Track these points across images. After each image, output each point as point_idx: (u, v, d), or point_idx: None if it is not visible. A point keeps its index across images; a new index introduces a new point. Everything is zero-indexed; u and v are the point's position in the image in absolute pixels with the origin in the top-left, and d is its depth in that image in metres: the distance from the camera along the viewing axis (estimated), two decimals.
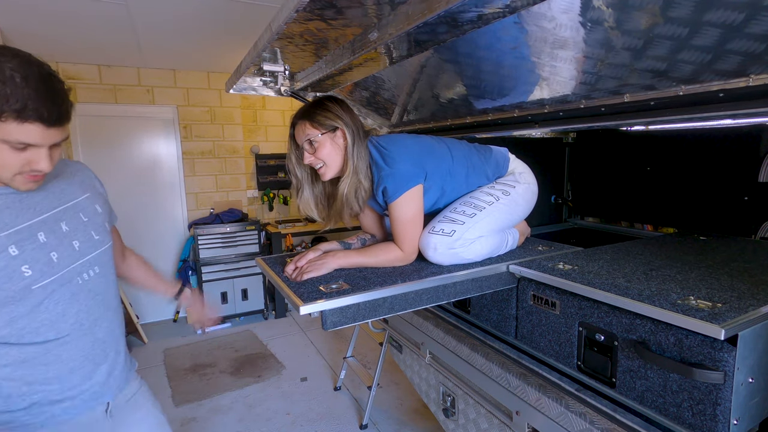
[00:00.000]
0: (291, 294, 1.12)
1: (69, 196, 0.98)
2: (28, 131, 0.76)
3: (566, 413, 1.12)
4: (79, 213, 0.98)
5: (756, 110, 1.05)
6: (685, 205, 1.88)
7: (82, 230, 0.97)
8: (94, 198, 1.05)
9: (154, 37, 2.94)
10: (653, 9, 0.87)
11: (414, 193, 1.30)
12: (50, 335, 0.89)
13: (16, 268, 0.83)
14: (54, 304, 0.89)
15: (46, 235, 0.89)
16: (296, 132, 1.33)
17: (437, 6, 0.90)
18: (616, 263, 1.30)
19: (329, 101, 1.32)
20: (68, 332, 0.92)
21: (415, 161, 1.31)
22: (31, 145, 0.78)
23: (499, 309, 1.43)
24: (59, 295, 0.90)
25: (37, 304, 0.87)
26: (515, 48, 1.20)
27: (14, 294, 0.83)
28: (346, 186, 1.31)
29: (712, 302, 0.95)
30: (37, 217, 0.89)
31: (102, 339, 1.00)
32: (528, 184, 1.51)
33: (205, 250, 3.85)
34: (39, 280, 0.86)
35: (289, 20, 1.09)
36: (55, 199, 0.94)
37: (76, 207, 0.98)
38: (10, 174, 0.81)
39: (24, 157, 0.79)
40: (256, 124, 4.41)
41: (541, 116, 1.59)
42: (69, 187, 0.99)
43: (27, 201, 0.88)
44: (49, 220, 0.91)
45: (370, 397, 2.44)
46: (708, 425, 0.88)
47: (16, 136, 0.75)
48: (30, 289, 0.85)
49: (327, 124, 1.28)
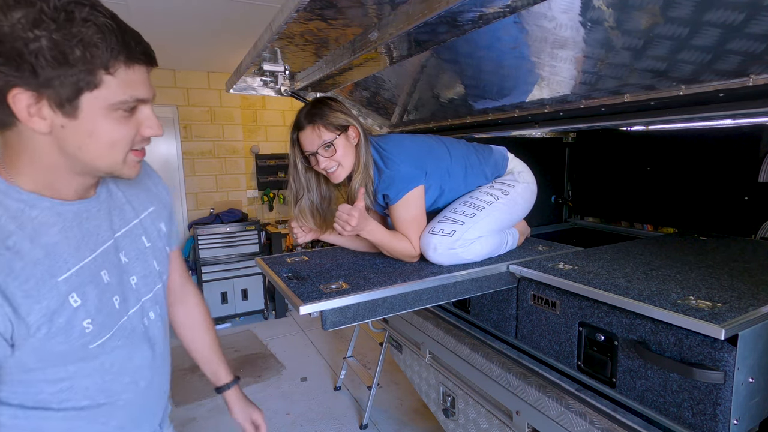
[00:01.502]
0: (291, 294, 1.12)
1: (131, 211, 0.76)
2: (136, 78, 0.60)
3: (566, 413, 1.12)
4: (142, 236, 0.76)
5: (756, 110, 1.05)
6: (685, 205, 1.88)
7: (143, 260, 0.76)
8: (159, 212, 0.83)
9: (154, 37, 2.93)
10: (653, 9, 0.87)
11: (415, 194, 1.30)
12: (100, 399, 0.70)
13: (78, 323, 0.63)
14: (111, 362, 0.69)
15: (110, 273, 0.68)
16: (304, 138, 1.28)
17: (437, 6, 0.90)
18: (616, 263, 1.30)
19: (332, 101, 1.30)
20: (120, 394, 0.73)
21: (414, 162, 1.31)
22: (140, 100, 0.61)
23: (499, 309, 1.43)
24: (118, 351, 0.70)
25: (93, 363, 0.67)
26: (515, 48, 1.20)
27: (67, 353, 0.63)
28: (358, 182, 1.29)
29: (712, 302, 0.95)
30: (100, 248, 0.68)
31: (154, 400, 0.81)
32: (527, 184, 1.51)
33: (205, 250, 3.85)
34: (99, 336, 0.66)
35: (289, 20, 1.08)
36: (117, 217, 0.72)
37: (139, 227, 0.76)
38: (123, 153, 0.63)
39: (134, 124, 0.62)
40: (256, 124, 4.41)
41: (541, 116, 1.59)
42: (132, 198, 0.77)
43: (88, 224, 0.67)
44: (111, 251, 0.69)
45: (370, 397, 2.44)
46: (708, 425, 0.88)
47: (127, 91, 0.59)
48: (87, 348, 0.65)
49: (339, 124, 1.27)
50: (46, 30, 0.51)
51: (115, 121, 0.60)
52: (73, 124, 0.57)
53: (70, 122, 0.57)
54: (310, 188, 1.38)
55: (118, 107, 0.59)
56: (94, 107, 0.57)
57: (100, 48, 0.54)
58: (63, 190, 0.64)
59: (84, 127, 0.58)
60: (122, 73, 0.58)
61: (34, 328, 0.58)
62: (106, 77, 0.56)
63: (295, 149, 1.33)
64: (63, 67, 0.53)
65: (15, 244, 0.57)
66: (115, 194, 0.74)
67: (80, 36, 0.53)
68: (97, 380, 0.69)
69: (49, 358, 0.62)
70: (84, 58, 0.54)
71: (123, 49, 0.57)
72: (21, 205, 0.60)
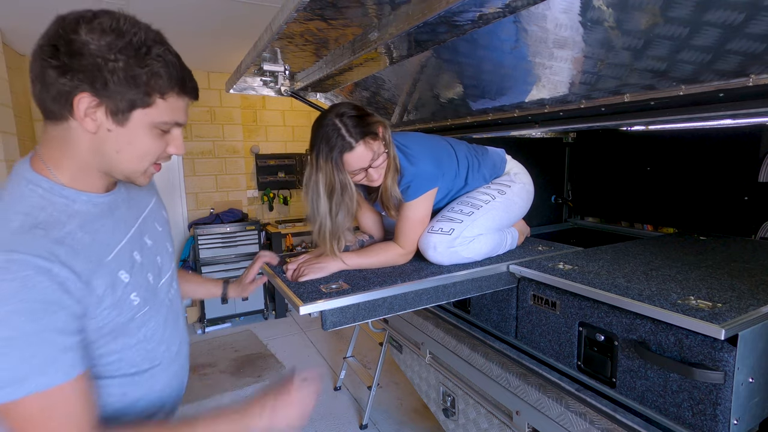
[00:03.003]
0: (291, 294, 1.12)
1: (143, 202, 0.88)
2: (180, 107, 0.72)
3: (566, 413, 1.12)
4: (155, 223, 0.89)
5: (756, 110, 1.05)
6: (685, 205, 1.88)
7: (161, 242, 0.88)
8: (159, 202, 0.95)
9: None
10: (653, 9, 0.87)
11: (431, 195, 1.31)
12: (144, 365, 0.80)
13: (127, 297, 0.73)
14: (152, 331, 0.80)
15: (140, 254, 0.79)
16: (355, 157, 1.18)
17: (437, 6, 0.90)
18: (616, 263, 1.30)
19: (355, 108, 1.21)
20: (160, 361, 0.83)
21: (436, 162, 1.31)
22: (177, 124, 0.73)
23: (499, 309, 1.43)
24: (155, 321, 0.81)
25: (137, 334, 0.77)
26: (515, 48, 1.20)
27: (120, 325, 0.73)
28: (390, 180, 1.26)
29: (712, 302, 0.95)
30: (129, 232, 0.79)
31: (182, 365, 0.92)
32: (523, 184, 1.51)
33: (205, 250, 3.85)
34: (142, 308, 0.77)
35: (289, 20, 1.09)
36: (135, 207, 0.84)
37: (151, 215, 0.88)
38: (148, 164, 0.74)
39: (164, 142, 0.73)
40: (256, 124, 4.41)
41: (541, 116, 1.59)
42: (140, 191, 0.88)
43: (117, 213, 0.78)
44: (137, 235, 0.81)
45: (370, 397, 2.44)
46: (708, 425, 0.88)
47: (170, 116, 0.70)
48: (134, 318, 0.75)
49: (375, 132, 1.20)
50: (126, 56, 0.64)
51: (152, 137, 0.71)
52: (119, 130, 0.68)
53: (118, 128, 0.68)
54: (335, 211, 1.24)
55: (159, 126, 0.70)
56: (142, 122, 0.68)
57: (163, 78, 0.67)
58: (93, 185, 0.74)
59: (127, 136, 0.69)
60: (172, 101, 0.70)
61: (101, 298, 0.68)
62: (159, 101, 0.68)
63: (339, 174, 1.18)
64: (129, 87, 0.65)
65: (70, 232, 0.68)
66: (129, 189, 0.85)
67: (150, 66, 0.66)
68: (141, 350, 0.78)
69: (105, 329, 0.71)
70: (147, 83, 0.66)
71: (178, 83, 0.69)
72: (65, 201, 0.70)
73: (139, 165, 0.72)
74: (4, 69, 2.72)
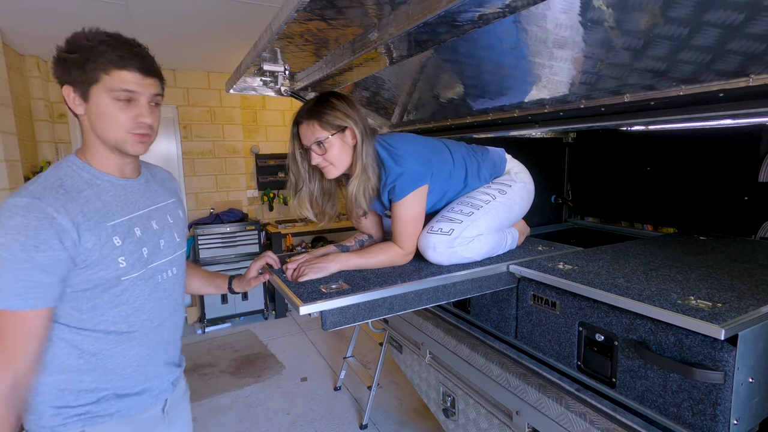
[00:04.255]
0: (291, 294, 1.12)
1: (161, 197, 1.06)
2: (128, 78, 0.87)
3: (566, 413, 1.12)
4: (167, 215, 1.06)
5: (756, 110, 1.05)
6: (685, 205, 1.88)
7: (168, 231, 1.04)
8: (178, 204, 1.13)
9: (154, 37, 2.94)
10: (653, 9, 0.87)
11: (420, 193, 1.29)
12: (123, 327, 0.94)
13: (115, 258, 0.90)
14: (134, 297, 0.94)
15: (141, 231, 0.96)
16: (302, 132, 1.29)
17: (437, 6, 0.90)
18: (616, 263, 1.30)
19: (335, 98, 1.27)
20: (138, 328, 0.96)
21: (423, 161, 1.31)
22: (132, 92, 0.88)
23: (499, 309, 1.43)
24: (140, 290, 0.95)
25: (120, 295, 0.92)
26: (515, 48, 1.20)
27: (106, 282, 0.89)
28: (355, 186, 1.29)
29: (712, 302, 0.95)
30: (136, 212, 0.97)
31: (166, 339, 1.04)
32: (524, 183, 1.51)
33: (205, 250, 3.85)
34: (129, 273, 0.92)
35: (289, 20, 1.09)
36: (150, 198, 1.03)
37: (165, 208, 1.06)
38: (122, 131, 0.90)
39: (131, 112, 0.89)
40: (256, 124, 4.41)
41: (541, 116, 1.59)
42: (161, 190, 1.08)
43: (130, 196, 0.97)
44: (144, 217, 0.99)
45: (370, 397, 2.44)
46: (708, 425, 0.88)
47: (118, 84, 0.86)
48: (120, 279, 0.91)
49: (336, 124, 1.24)
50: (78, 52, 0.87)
51: (113, 106, 0.88)
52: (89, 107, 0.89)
53: (87, 106, 0.89)
54: (312, 180, 1.38)
55: (113, 96, 0.88)
56: (98, 95, 0.88)
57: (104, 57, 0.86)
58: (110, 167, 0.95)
59: (96, 109, 0.89)
60: (115, 74, 0.87)
61: (89, 252, 0.86)
62: (104, 76, 0.87)
63: (294, 141, 1.34)
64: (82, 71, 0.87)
65: (86, 196, 0.89)
66: (151, 183, 1.05)
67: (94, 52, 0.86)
68: (121, 312, 0.93)
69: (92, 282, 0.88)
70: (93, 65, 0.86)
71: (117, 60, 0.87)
72: (90, 176, 0.92)
73: (114, 132, 0.90)
74: (4, 69, 2.72)
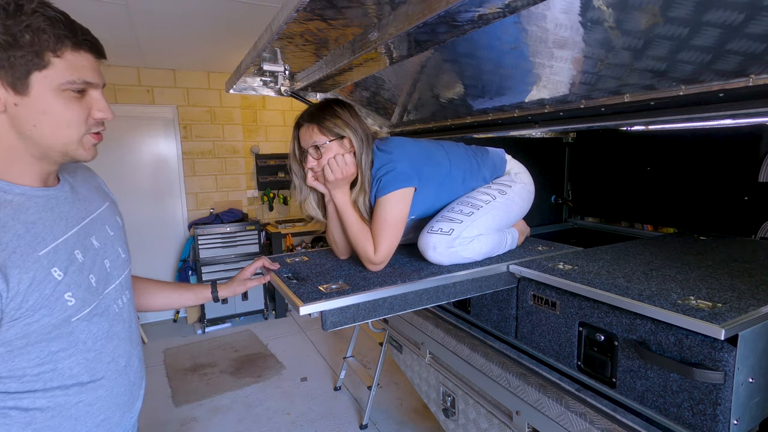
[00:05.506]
0: (291, 294, 1.12)
1: (92, 204, 0.84)
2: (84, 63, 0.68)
3: (566, 413, 1.12)
4: (105, 225, 0.84)
5: (756, 110, 1.05)
6: (685, 205, 1.88)
7: (111, 246, 0.84)
8: (113, 208, 0.91)
9: (154, 37, 2.94)
10: (653, 9, 0.87)
11: (404, 194, 1.26)
12: (84, 378, 0.74)
13: (60, 295, 0.68)
14: (93, 339, 0.74)
15: (83, 253, 0.75)
16: (302, 134, 1.30)
17: (437, 6, 0.90)
18: (616, 263, 1.30)
19: (338, 106, 1.28)
20: (103, 374, 0.78)
21: (413, 164, 1.30)
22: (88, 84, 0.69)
23: (499, 309, 1.43)
24: (97, 328, 0.75)
25: (75, 340, 0.72)
26: (515, 48, 1.20)
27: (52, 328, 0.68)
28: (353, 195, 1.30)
29: (712, 302, 0.95)
30: (71, 230, 0.74)
31: (132, 381, 0.86)
32: (524, 184, 1.51)
33: (205, 250, 3.85)
34: (80, 310, 0.72)
35: (289, 20, 1.08)
36: (81, 207, 0.80)
37: (101, 218, 0.84)
38: (79, 133, 0.70)
39: (86, 106, 0.70)
40: (256, 124, 4.40)
41: (541, 116, 1.59)
42: (89, 194, 0.84)
43: (58, 209, 0.74)
44: (82, 234, 0.76)
45: (370, 397, 2.44)
46: (708, 425, 0.88)
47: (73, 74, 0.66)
48: (70, 321, 0.70)
49: (335, 132, 1.25)
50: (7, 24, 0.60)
51: (66, 101, 0.67)
52: (25, 101, 0.64)
53: (23, 99, 0.64)
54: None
55: (67, 87, 0.66)
56: (44, 86, 0.64)
57: (47, 33, 0.62)
58: (27, 177, 0.70)
59: (37, 105, 0.65)
60: (69, 57, 0.65)
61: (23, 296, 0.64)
62: (53, 59, 0.64)
63: (294, 143, 1.34)
64: (13, 49, 0.61)
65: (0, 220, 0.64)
66: (76, 189, 0.81)
67: (28, 22, 0.61)
68: (80, 359, 0.73)
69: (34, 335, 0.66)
70: (32, 42, 0.61)
71: (70, 36, 0.65)
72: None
73: (66, 136, 0.69)
74: None
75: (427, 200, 1.38)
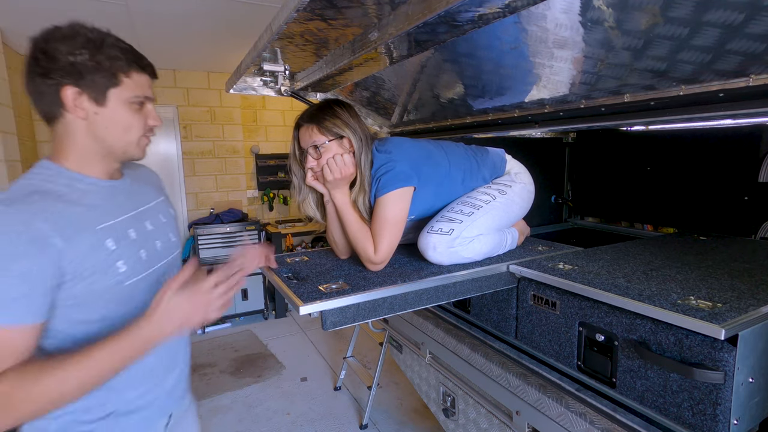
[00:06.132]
0: (291, 294, 1.12)
1: (149, 197, 1.01)
2: (144, 82, 0.86)
3: (566, 413, 1.12)
4: (159, 214, 1.00)
5: (756, 110, 1.05)
6: (685, 205, 1.88)
7: (163, 231, 0.99)
8: (167, 201, 1.09)
9: (154, 37, 2.94)
10: (653, 9, 0.87)
11: (403, 193, 1.26)
12: None
13: (112, 263, 0.83)
14: (141, 303, 0.87)
15: (136, 232, 0.91)
16: (301, 134, 1.30)
17: (437, 6, 0.90)
18: (616, 263, 1.30)
19: (338, 107, 1.28)
20: None
21: (412, 164, 1.30)
22: (147, 98, 0.87)
23: (499, 309, 1.43)
24: (145, 295, 0.88)
25: (125, 302, 0.86)
26: (515, 48, 1.20)
27: (107, 289, 0.83)
28: (353, 196, 1.30)
29: (712, 302, 0.95)
30: (127, 214, 0.90)
31: (174, 345, 1.00)
32: (524, 184, 1.51)
33: (205, 250, 3.85)
34: (131, 277, 0.86)
35: (289, 20, 1.08)
36: (137, 199, 0.96)
37: (156, 208, 1.01)
38: (137, 136, 0.88)
39: (143, 115, 0.88)
40: (256, 124, 4.41)
41: (541, 116, 1.59)
42: (148, 189, 1.02)
43: (118, 197, 0.91)
44: (137, 218, 0.93)
45: (370, 397, 2.44)
46: (708, 425, 0.88)
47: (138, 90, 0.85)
48: (122, 285, 0.85)
49: (335, 132, 1.25)
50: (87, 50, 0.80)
51: (131, 111, 0.86)
52: (103, 111, 0.83)
53: (101, 110, 0.83)
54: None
55: (133, 100, 0.85)
56: (118, 99, 0.83)
57: (121, 60, 0.83)
58: (96, 170, 0.88)
59: (110, 114, 0.83)
60: (135, 77, 0.85)
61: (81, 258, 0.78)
62: (125, 79, 0.83)
63: (295, 143, 1.34)
64: (97, 72, 0.80)
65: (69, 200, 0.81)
66: (135, 183, 0.99)
67: (108, 54, 0.81)
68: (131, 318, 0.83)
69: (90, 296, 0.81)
70: (111, 66, 0.82)
71: (136, 61, 0.85)
72: (70, 180, 0.84)
73: (128, 138, 0.87)
74: (4, 69, 2.72)
75: (426, 200, 1.38)
